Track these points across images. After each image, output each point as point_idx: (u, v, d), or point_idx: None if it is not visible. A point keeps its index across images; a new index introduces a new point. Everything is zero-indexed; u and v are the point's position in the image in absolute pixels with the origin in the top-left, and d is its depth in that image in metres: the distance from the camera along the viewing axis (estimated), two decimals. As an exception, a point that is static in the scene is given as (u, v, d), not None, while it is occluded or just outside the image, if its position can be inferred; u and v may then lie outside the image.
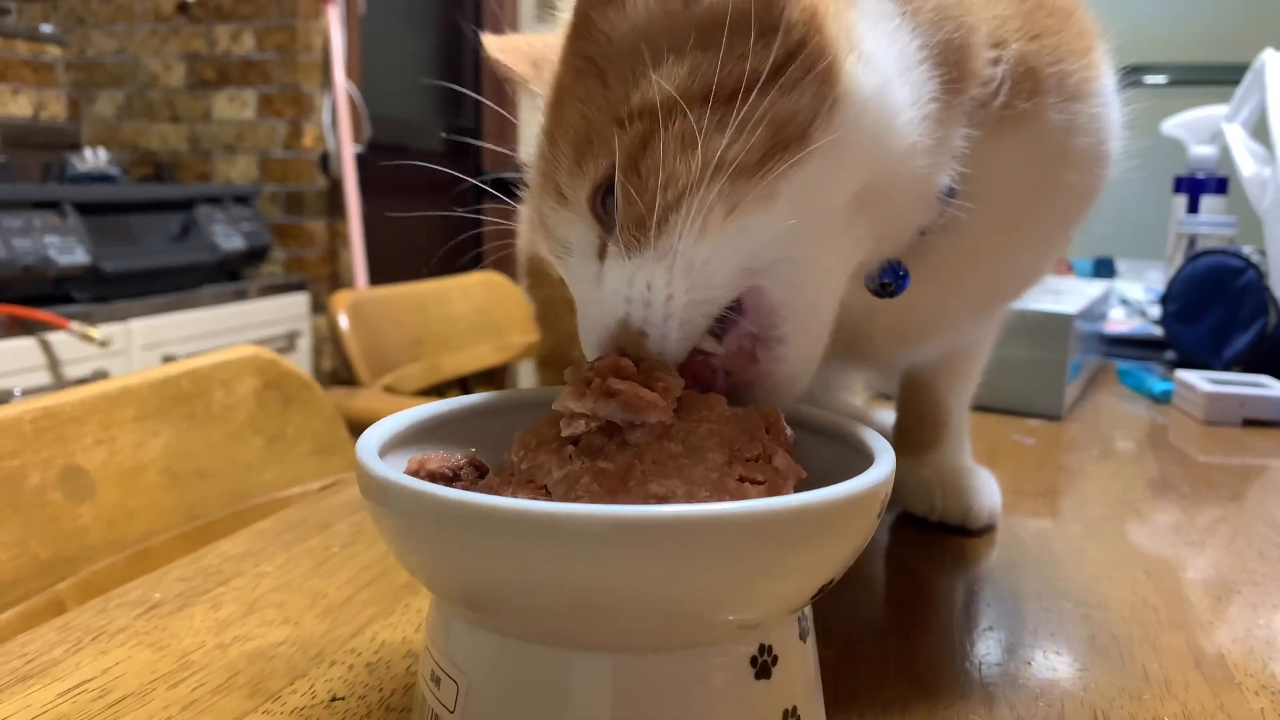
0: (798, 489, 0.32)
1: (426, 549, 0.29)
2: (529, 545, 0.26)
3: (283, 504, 0.77)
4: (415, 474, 0.33)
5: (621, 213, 0.36)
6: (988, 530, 0.60)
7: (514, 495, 0.31)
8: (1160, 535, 0.62)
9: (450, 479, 0.33)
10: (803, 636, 0.32)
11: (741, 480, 0.31)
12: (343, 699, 0.39)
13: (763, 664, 0.30)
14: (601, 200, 0.37)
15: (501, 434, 0.38)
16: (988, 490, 0.60)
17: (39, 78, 2.56)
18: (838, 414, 0.38)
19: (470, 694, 0.30)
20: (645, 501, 0.30)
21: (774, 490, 0.31)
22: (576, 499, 0.30)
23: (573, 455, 0.31)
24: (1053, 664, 0.44)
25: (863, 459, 0.34)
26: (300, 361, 2.36)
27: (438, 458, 0.34)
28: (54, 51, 2.61)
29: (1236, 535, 0.61)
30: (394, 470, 0.31)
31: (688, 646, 0.29)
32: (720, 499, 0.30)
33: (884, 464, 0.32)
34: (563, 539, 0.26)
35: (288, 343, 2.32)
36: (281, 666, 0.42)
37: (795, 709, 0.31)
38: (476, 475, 0.34)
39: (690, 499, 0.30)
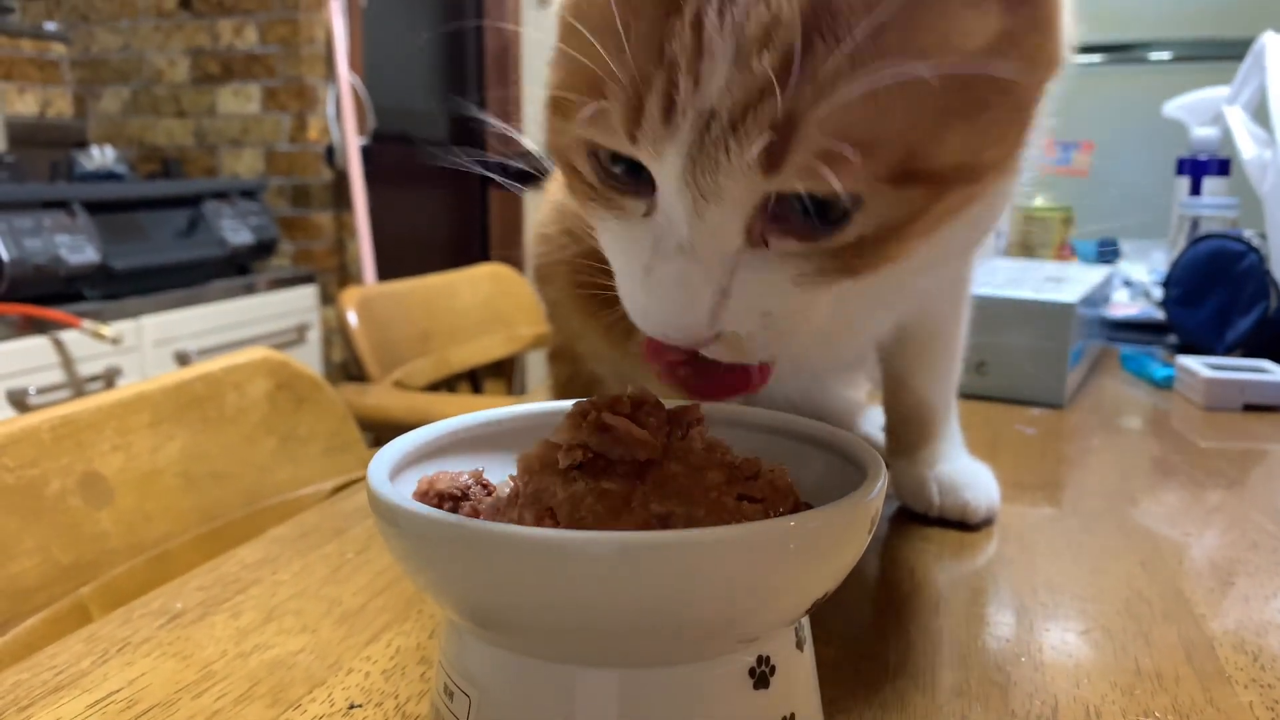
0: (794, 504, 0.34)
1: (435, 571, 0.30)
2: (535, 570, 0.28)
3: (297, 504, 0.79)
4: (424, 494, 0.35)
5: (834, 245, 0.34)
6: (987, 525, 0.61)
7: (520, 516, 0.32)
8: (1158, 525, 0.63)
9: (459, 499, 0.35)
10: (800, 646, 0.34)
11: (740, 498, 0.32)
12: (360, 706, 0.41)
13: (761, 674, 0.31)
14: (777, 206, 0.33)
15: (509, 452, 0.40)
16: (985, 485, 0.61)
17: (44, 75, 2.57)
18: (831, 426, 0.39)
19: (482, 708, 0.31)
20: (647, 521, 0.31)
21: (771, 507, 0.32)
22: (581, 519, 0.31)
23: (576, 476, 0.32)
24: (1048, 660, 0.45)
25: (856, 469, 0.35)
26: (310, 353, 2.38)
27: (446, 477, 0.35)
28: (59, 49, 2.61)
29: (1233, 524, 0.62)
30: (403, 492, 0.32)
31: (689, 660, 0.30)
32: (719, 517, 0.31)
33: (876, 480, 0.33)
34: (568, 565, 0.27)
35: (298, 335, 2.34)
36: (301, 675, 0.44)
37: (793, 715, 0.33)
38: (484, 494, 0.35)
39: (690, 519, 0.31)
